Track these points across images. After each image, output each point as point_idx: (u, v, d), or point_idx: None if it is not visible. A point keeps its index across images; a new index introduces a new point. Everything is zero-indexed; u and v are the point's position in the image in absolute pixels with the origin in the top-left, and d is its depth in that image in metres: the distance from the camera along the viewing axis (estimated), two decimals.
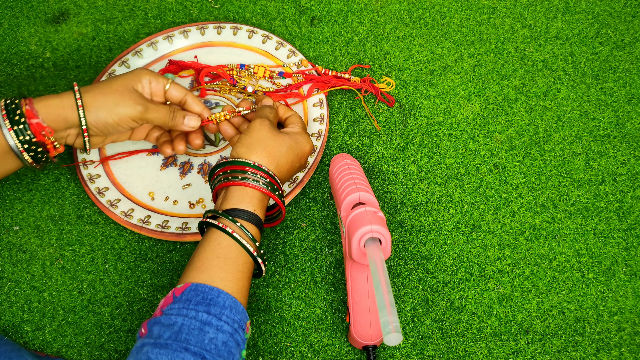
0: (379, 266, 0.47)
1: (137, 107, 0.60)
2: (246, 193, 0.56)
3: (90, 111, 0.59)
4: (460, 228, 0.67)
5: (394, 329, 0.42)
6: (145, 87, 0.63)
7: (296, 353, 0.61)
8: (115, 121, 0.60)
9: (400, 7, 0.83)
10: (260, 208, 0.57)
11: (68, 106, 0.58)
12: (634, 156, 0.72)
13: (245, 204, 0.56)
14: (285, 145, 0.60)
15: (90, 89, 0.60)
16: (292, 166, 0.61)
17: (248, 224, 0.55)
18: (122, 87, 0.60)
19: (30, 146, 0.58)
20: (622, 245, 0.66)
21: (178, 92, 0.65)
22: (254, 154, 0.58)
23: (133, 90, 0.61)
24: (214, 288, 0.50)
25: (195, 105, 0.66)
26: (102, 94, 0.59)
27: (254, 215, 0.55)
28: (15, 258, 0.66)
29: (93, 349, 0.61)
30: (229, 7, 0.84)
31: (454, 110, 0.75)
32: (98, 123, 0.59)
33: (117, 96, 0.60)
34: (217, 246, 0.53)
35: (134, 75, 0.62)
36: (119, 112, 0.59)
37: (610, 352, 0.61)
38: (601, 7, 0.83)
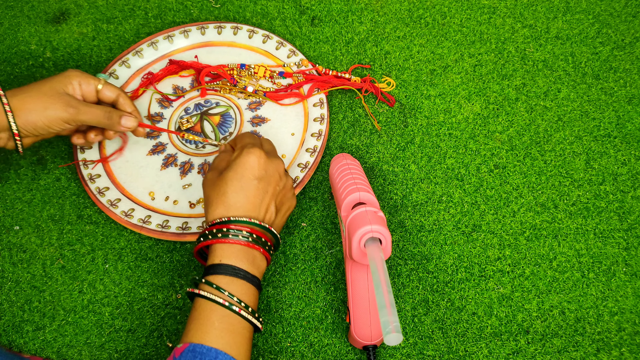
0: (379, 266, 0.47)
1: (68, 110, 0.59)
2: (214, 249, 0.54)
3: (20, 115, 0.58)
4: (461, 228, 0.67)
5: (394, 329, 0.42)
6: (76, 88, 0.62)
7: (296, 353, 0.61)
8: (45, 124, 0.59)
9: (401, 7, 0.83)
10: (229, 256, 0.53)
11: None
12: (634, 156, 0.72)
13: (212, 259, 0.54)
14: (227, 181, 0.56)
15: (18, 93, 0.59)
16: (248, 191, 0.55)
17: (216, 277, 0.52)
18: (51, 90, 0.60)
19: None
20: (623, 245, 0.66)
21: (110, 93, 0.64)
22: (208, 215, 0.56)
23: (63, 93, 0.60)
24: (211, 349, 0.48)
25: (127, 106, 0.65)
26: (31, 97, 0.59)
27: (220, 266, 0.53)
28: (15, 258, 0.66)
29: (93, 349, 0.61)
30: (230, 7, 0.84)
31: (454, 110, 0.75)
32: (28, 126, 0.59)
33: (46, 99, 0.59)
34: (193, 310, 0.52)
35: (63, 77, 0.61)
36: (49, 115, 0.59)
37: (611, 352, 0.61)
38: (602, 7, 0.83)
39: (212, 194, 0.56)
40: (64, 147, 0.73)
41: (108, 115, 0.62)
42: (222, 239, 0.54)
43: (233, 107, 0.75)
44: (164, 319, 0.63)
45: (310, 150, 0.70)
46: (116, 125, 0.64)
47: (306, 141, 0.71)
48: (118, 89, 0.65)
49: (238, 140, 0.62)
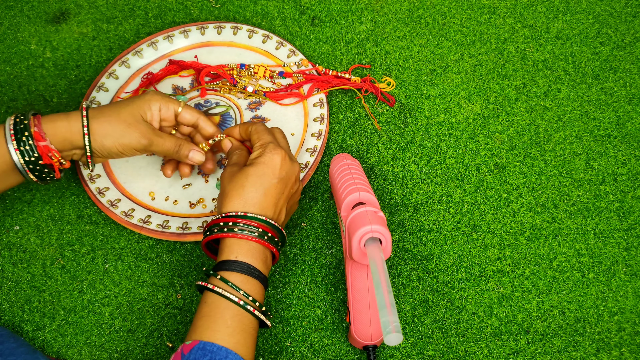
0: (379, 266, 0.47)
1: (142, 141, 0.60)
2: (229, 244, 0.54)
3: (96, 139, 0.59)
4: (461, 228, 0.67)
5: (394, 329, 0.42)
6: (155, 114, 0.62)
7: (296, 353, 0.61)
8: (119, 150, 0.60)
9: (401, 7, 0.83)
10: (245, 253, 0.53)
11: (75, 132, 0.58)
12: (634, 156, 0.72)
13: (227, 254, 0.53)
14: (247, 177, 0.56)
15: (97, 115, 0.59)
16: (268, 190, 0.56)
17: (231, 274, 0.52)
18: (130, 116, 0.60)
19: (36, 166, 0.58)
20: (623, 245, 0.66)
21: (190, 116, 0.64)
22: (222, 207, 0.56)
23: (141, 120, 0.60)
24: (222, 348, 0.48)
25: (209, 127, 0.64)
26: (109, 123, 0.59)
27: (236, 262, 0.53)
28: (15, 258, 0.66)
29: (93, 349, 0.61)
30: (230, 7, 0.84)
31: (454, 110, 0.75)
32: (102, 150, 0.60)
33: (124, 127, 0.59)
34: (204, 305, 0.52)
35: (144, 102, 0.61)
36: (123, 142, 0.59)
37: (611, 352, 0.61)
38: (602, 7, 0.83)
39: (229, 187, 0.56)
40: None
41: (177, 149, 0.63)
42: (238, 233, 0.53)
43: (233, 107, 0.75)
44: (164, 319, 0.63)
45: (310, 150, 0.70)
46: (184, 158, 0.64)
47: (306, 141, 0.71)
48: (198, 112, 0.64)
49: (255, 134, 0.61)
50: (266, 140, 0.59)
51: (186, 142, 0.64)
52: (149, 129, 0.61)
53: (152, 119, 0.62)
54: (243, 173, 0.56)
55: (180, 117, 0.63)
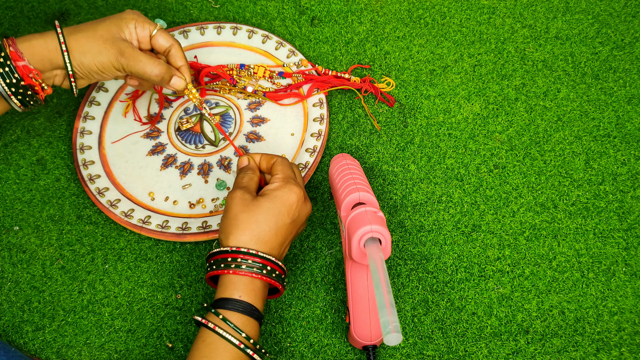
0: (379, 266, 0.47)
1: (120, 59, 0.57)
2: (232, 281, 0.52)
3: (74, 56, 0.56)
4: (460, 228, 0.67)
5: (394, 329, 0.42)
6: (132, 32, 0.59)
7: (296, 353, 0.61)
8: (99, 68, 0.58)
9: (400, 7, 0.83)
10: (248, 292, 0.52)
11: (52, 49, 0.56)
12: (634, 156, 0.72)
13: (230, 292, 0.51)
14: (262, 211, 0.54)
15: (74, 31, 0.57)
16: (279, 229, 0.54)
17: (233, 314, 0.50)
18: (107, 33, 0.57)
19: (18, 89, 0.55)
20: (622, 245, 0.66)
21: (164, 41, 0.61)
22: (231, 238, 0.53)
23: (119, 38, 0.58)
24: None
25: (179, 59, 0.62)
26: (86, 38, 0.56)
27: (239, 302, 0.51)
28: (15, 258, 0.66)
29: (93, 349, 0.61)
30: (229, 7, 0.84)
31: (454, 110, 0.75)
32: (82, 68, 0.57)
33: (101, 43, 0.57)
34: (202, 344, 0.50)
35: (120, 19, 0.59)
36: (102, 60, 0.57)
37: (610, 352, 0.61)
38: (601, 7, 0.83)
39: (242, 217, 0.53)
40: (63, 148, 0.73)
41: (158, 74, 0.60)
42: (246, 271, 0.52)
43: (233, 107, 0.75)
44: (164, 319, 0.63)
45: (310, 150, 0.70)
46: (165, 84, 0.61)
47: (306, 141, 0.71)
48: (172, 39, 0.62)
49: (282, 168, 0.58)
50: (287, 175, 0.57)
51: (167, 66, 0.61)
52: (128, 46, 0.58)
53: (131, 38, 0.59)
54: (259, 207, 0.54)
55: (154, 41, 0.61)
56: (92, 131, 0.73)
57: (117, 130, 0.73)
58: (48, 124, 0.75)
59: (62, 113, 0.75)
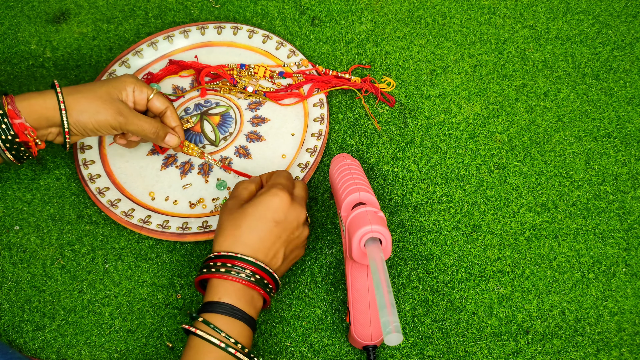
0: (379, 266, 0.47)
1: (118, 118, 0.61)
2: (215, 284, 0.53)
3: (72, 114, 0.60)
4: (461, 228, 0.67)
5: (394, 329, 0.42)
6: (129, 95, 0.63)
7: (296, 353, 0.61)
8: (95, 127, 0.61)
9: (401, 7, 0.83)
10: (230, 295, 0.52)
11: (50, 107, 0.59)
12: (634, 156, 0.72)
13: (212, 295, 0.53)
14: (245, 216, 0.55)
15: (73, 92, 0.60)
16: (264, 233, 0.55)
17: (215, 316, 0.51)
18: (106, 94, 0.61)
19: (12, 145, 0.59)
20: (623, 246, 0.66)
21: (160, 104, 0.65)
22: (217, 243, 0.55)
23: (117, 99, 0.62)
24: None
25: (173, 120, 0.66)
26: (85, 99, 0.60)
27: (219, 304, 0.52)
28: (15, 258, 0.66)
29: (93, 349, 0.61)
30: (230, 7, 0.84)
31: (454, 111, 0.75)
32: (78, 126, 0.60)
33: (100, 103, 0.60)
34: (187, 349, 0.51)
35: (119, 82, 0.63)
36: (99, 119, 0.60)
37: (611, 353, 0.61)
38: (602, 8, 0.83)
39: (226, 224, 0.55)
40: None
41: (154, 131, 0.64)
42: (224, 274, 0.53)
43: (233, 107, 0.75)
44: (164, 319, 0.63)
45: (310, 150, 0.70)
46: (160, 141, 0.65)
47: (306, 141, 0.71)
48: (168, 102, 0.66)
49: (274, 177, 0.60)
50: (275, 182, 0.58)
51: (162, 125, 0.65)
52: (125, 107, 0.62)
53: (127, 100, 0.63)
54: (241, 212, 0.55)
55: (151, 104, 0.65)
56: None
57: None
58: None
59: None
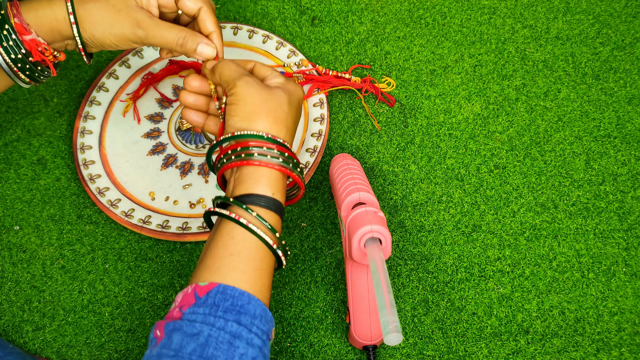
0: (379, 266, 0.47)
1: (137, 31, 0.51)
2: (262, 173, 0.47)
3: (85, 28, 0.50)
4: (461, 228, 0.67)
5: (394, 329, 0.42)
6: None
7: (296, 353, 0.61)
8: (112, 42, 0.52)
9: (401, 7, 0.83)
10: (280, 190, 0.47)
11: (61, 19, 0.50)
12: (634, 156, 0.72)
13: (261, 187, 0.46)
14: (285, 101, 0.49)
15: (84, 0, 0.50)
16: (295, 123, 0.51)
17: (266, 212, 0.46)
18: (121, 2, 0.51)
19: (25, 64, 0.50)
20: (623, 246, 0.66)
21: (192, 3, 0.53)
22: (260, 122, 0.47)
23: (134, 6, 0.51)
24: (244, 293, 0.43)
25: (209, 25, 0.53)
26: (97, 9, 0.50)
27: (272, 200, 0.46)
28: (15, 258, 0.66)
29: (93, 349, 0.61)
30: (230, 7, 0.84)
31: (454, 111, 0.75)
32: (94, 40, 0.52)
33: (114, 14, 0.50)
34: (230, 241, 0.45)
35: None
36: (115, 33, 0.51)
37: (611, 352, 0.61)
38: (602, 8, 0.83)
39: (270, 105, 0.48)
40: (64, 147, 0.73)
41: (181, 42, 0.52)
42: (283, 165, 0.47)
43: None
44: None
45: (311, 150, 0.70)
46: (191, 52, 0.53)
47: (306, 141, 0.71)
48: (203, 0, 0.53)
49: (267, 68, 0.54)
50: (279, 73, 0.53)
51: (191, 33, 0.53)
52: (145, 16, 0.51)
53: (150, 5, 0.52)
54: (279, 95, 0.49)
55: (181, 4, 0.53)
56: (93, 131, 0.73)
57: (118, 130, 0.73)
58: (49, 123, 0.75)
59: (63, 113, 0.75)
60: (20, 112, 0.75)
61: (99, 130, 0.73)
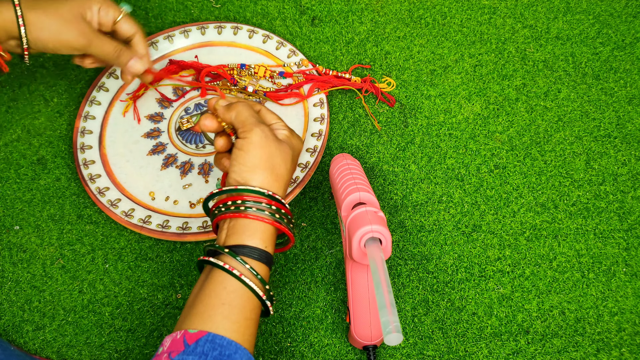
0: (379, 266, 0.47)
1: (80, 40, 0.57)
2: (256, 227, 0.49)
3: (31, 30, 0.56)
4: (461, 228, 0.67)
5: (394, 329, 0.42)
6: (94, 15, 0.59)
7: (296, 353, 0.61)
8: (56, 46, 0.57)
9: (401, 7, 0.83)
10: (272, 243, 0.50)
11: (8, 19, 0.55)
12: (634, 156, 0.72)
13: (254, 239, 0.49)
14: (288, 156, 0.52)
15: (33, 5, 0.56)
16: (291, 175, 0.54)
17: (258, 264, 0.48)
18: (69, 13, 0.57)
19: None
20: (623, 246, 0.66)
21: (128, 28, 0.60)
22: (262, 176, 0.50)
23: (80, 18, 0.57)
24: (232, 342, 0.44)
25: (140, 48, 0.61)
26: (46, 16, 0.56)
27: (264, 253, 0.49)
28: (15, 257, 0.66)
29: (93, 349, 0.61)
30: (230, 7, 0.84)
31: (454, 110, 0.75)
32: (38, 43, 0.57)
33: (62, 23, 0.56)
34: (223, 291, 0.47)
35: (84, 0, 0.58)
36: (60, 38, 0.56)
37: (611, 353, 0.61)
38: (602, 8, 0.83)
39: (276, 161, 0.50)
40: (64, 147, 0.73)
41: (117, 55, 0.59)
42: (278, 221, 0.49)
43: None
44: (164, 319, 0.63)
45: (311, 150, 0.70)
46: (123, 66, 0.61)
47: (306, 141, 0.71)
48: (137, 26, 0.61)
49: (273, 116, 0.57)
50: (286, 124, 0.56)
51: (127, 49, 0.60)
52: (89, 29, 0.58)
53: (92, 20, 0.59)
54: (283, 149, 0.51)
55: (118, 26, 0.60)
56: (93, 131, 0.73)
57: (118, 129, 0.73)
58: (49, 123, 0.75)
59: (63, 113, 0.75)
60: (20, 112, 0.75)
61: (99, 130, 0.73)
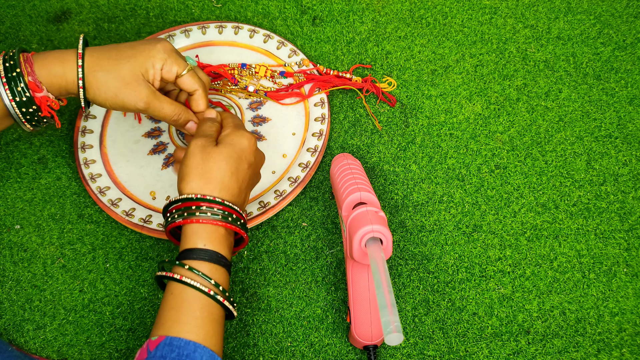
0: (380, 266, 0.47)
1: (138, 104, 0.57)
2: (195, 230, 0.52)
3: (90, 91, 0.56)
4: (461, 228, 0.67)
5: (395, 329, 0.42)
6: (157, 73, 0.58)
7: (297, 353, 0.61)
8: (112, 106, 0.58)
9: (402, 7, 0.83)
10: (213, 241, 0.51)
11: (70, 81, 0.56)
12: (635, 157, 0.72)
13: (197, 241, 0.51)
14: (222, 157, 0.54)
15: (94, 67, 0.56)
16: (239, 174, 0.55)
17: (199, 263, 0.50)
18: (130, 75, 0.56)
19: (33, 117, 0.56)
20: (624, 246, 0.66)
21: (189, 84, 0.60)
22: (193, 184, 0.53)
23: (141, 80, 0.57)
24: (190, 342, 0.47)
25: (200, 105, 0.61)
26: (106, 79, 0.56)
27: (204, 251, 0.51)
28: (16, 257, 0.66)
29: (94, 348, 0.61)
30: (231, 7, 0.84)
31: (455, 110, 0.75)
32: (95, 101, 0.57)
33: (121, 86, 0.56)
34: (170, 296, 0.49)
35: (147, 58, 0.57)
36: (117, 101, 0.57)
37: (611, 353, 0.61)
38: (603, 8, 0.83)
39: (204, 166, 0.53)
40: (64, 146, 0.73)
41: (175, 118, 0.60)
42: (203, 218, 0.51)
43: (234, 107, 0.75)
44: None
45: (311, 149, 0.70)
46: (180, 127, 0.62)
47: (307, 141, 0.71)
48: (199, 83, 0.60)
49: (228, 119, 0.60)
50: (236, 123, 0.58)
51: (185, 111, 0.61)
52: (149, 92, 0.57)
53: (154, 78, 0.58)
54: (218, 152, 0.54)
55: (180, 81, 0.60)
56: (94, 130, 0.73)
57: (119, 129, 0.73)
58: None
59: (64, 112, 0.75)
60: None
61: (100, 130, 0.73)
